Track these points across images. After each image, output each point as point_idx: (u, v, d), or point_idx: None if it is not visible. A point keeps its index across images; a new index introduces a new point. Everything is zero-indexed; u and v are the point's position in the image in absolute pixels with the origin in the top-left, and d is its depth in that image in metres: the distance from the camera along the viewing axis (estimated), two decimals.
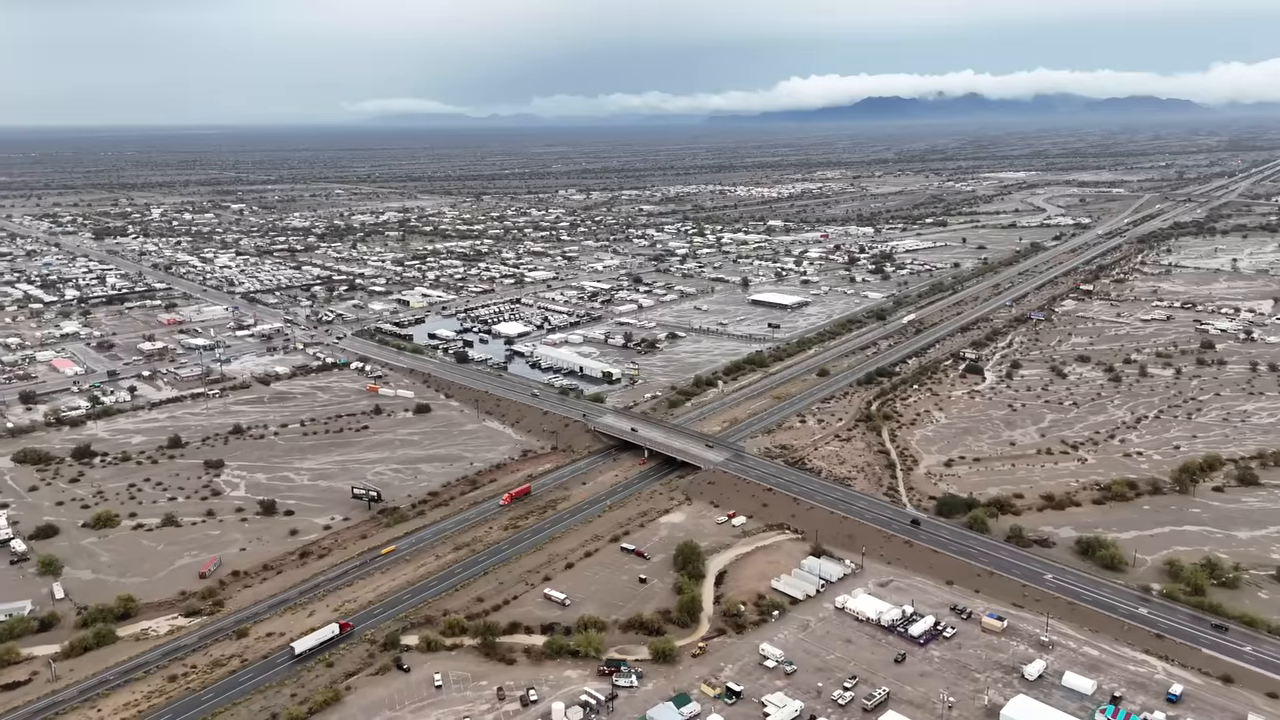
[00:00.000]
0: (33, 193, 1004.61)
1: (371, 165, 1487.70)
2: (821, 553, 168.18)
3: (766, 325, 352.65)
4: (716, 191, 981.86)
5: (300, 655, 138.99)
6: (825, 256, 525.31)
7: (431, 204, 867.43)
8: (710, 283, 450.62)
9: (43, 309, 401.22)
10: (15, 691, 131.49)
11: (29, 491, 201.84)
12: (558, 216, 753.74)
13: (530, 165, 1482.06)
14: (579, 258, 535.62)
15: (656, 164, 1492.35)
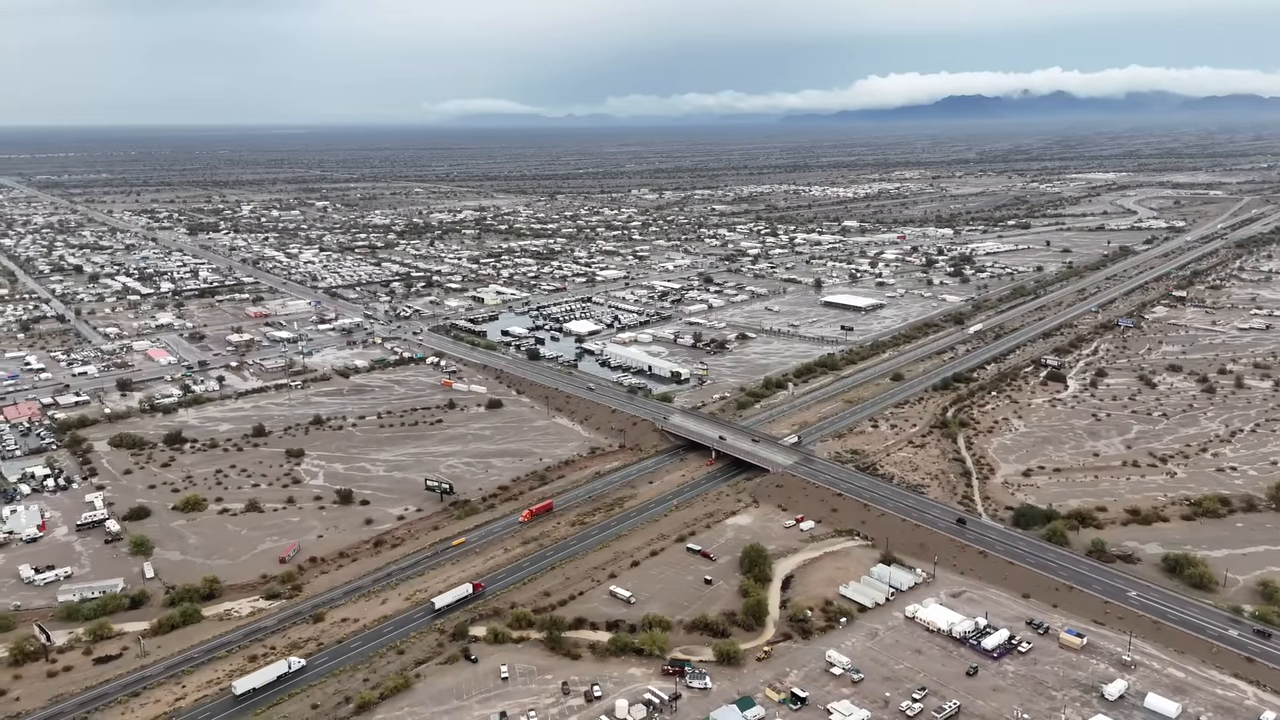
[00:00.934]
0: (132, 189, 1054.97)
1: (450, 164, 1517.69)
2: (892, 560, 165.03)
3: (839, 327, 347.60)
4: (790, 191, 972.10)
5: (439, 610, 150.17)
6: (902, 258, 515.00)
7: (507, 203, 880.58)
8: (782, 283, 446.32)
9: (140, 300, 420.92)
10: (107, 665, 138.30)
11: (124, 474, 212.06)
12: (630, 216, 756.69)
13: (604, 165, 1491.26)
14: (650, 257, 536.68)
15: (730, 163, 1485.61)
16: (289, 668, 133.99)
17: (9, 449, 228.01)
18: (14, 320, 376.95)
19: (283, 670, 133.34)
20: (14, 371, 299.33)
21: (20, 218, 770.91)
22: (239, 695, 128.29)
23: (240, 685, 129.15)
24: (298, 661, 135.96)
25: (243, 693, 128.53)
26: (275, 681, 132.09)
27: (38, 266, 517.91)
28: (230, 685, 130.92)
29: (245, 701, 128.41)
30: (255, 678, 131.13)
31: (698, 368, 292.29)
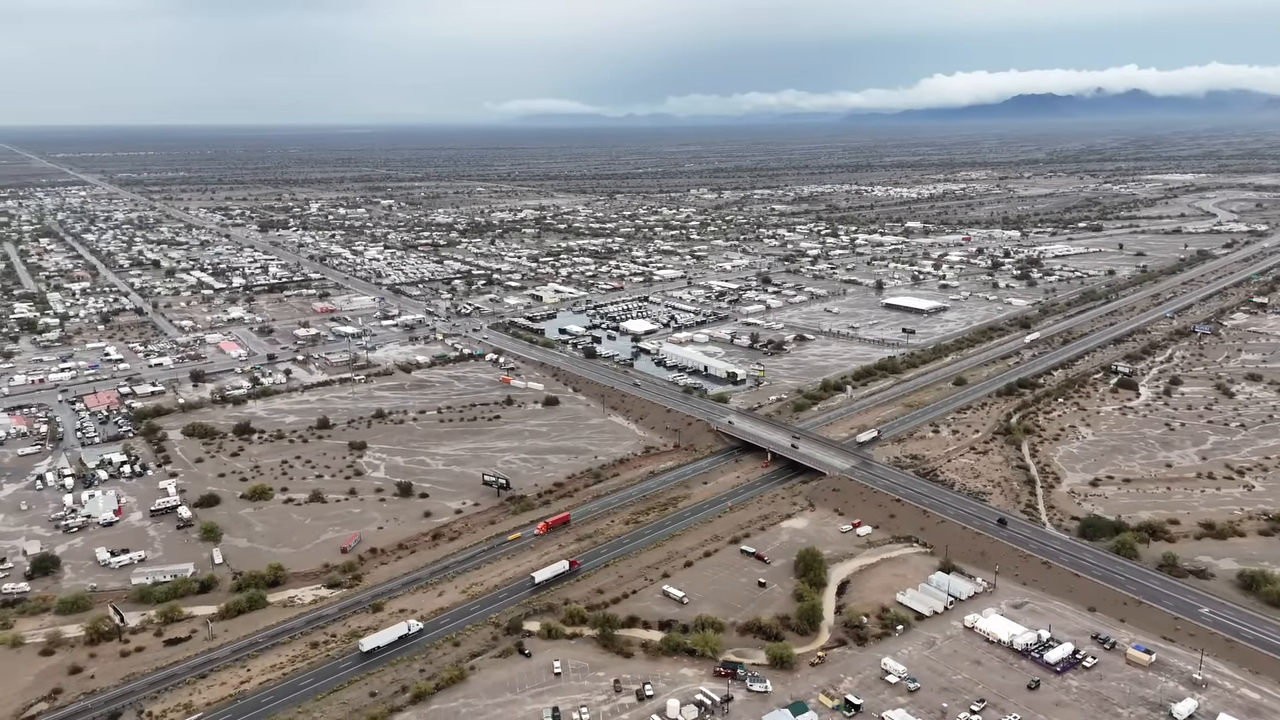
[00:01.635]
0: (207, 187, 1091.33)
1: (512, 164, 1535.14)
2: (951, 568, 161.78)
3: (900, 330, 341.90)
4: (852, 191, 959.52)
5: (539, 584, 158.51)
6: (966, 260, 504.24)
7: (566, 202, 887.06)
8: (842, 285, 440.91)
9: (213, 295, 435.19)
10: (177, 647, 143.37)
11: (195, 463, 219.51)
12: (688, 215, 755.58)
13: (663, 164, 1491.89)
14: (708, 257, 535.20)
15: (790, 163, 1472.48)
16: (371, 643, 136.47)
17: (89, 436, 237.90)
18: (95, 312, 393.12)
19: (399, 635, 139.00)
20: (95, 361, 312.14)
21: (102, 214, 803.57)
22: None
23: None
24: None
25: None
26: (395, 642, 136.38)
27: (118, 261, 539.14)
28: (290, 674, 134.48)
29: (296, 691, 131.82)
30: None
31: (754, 368, 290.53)
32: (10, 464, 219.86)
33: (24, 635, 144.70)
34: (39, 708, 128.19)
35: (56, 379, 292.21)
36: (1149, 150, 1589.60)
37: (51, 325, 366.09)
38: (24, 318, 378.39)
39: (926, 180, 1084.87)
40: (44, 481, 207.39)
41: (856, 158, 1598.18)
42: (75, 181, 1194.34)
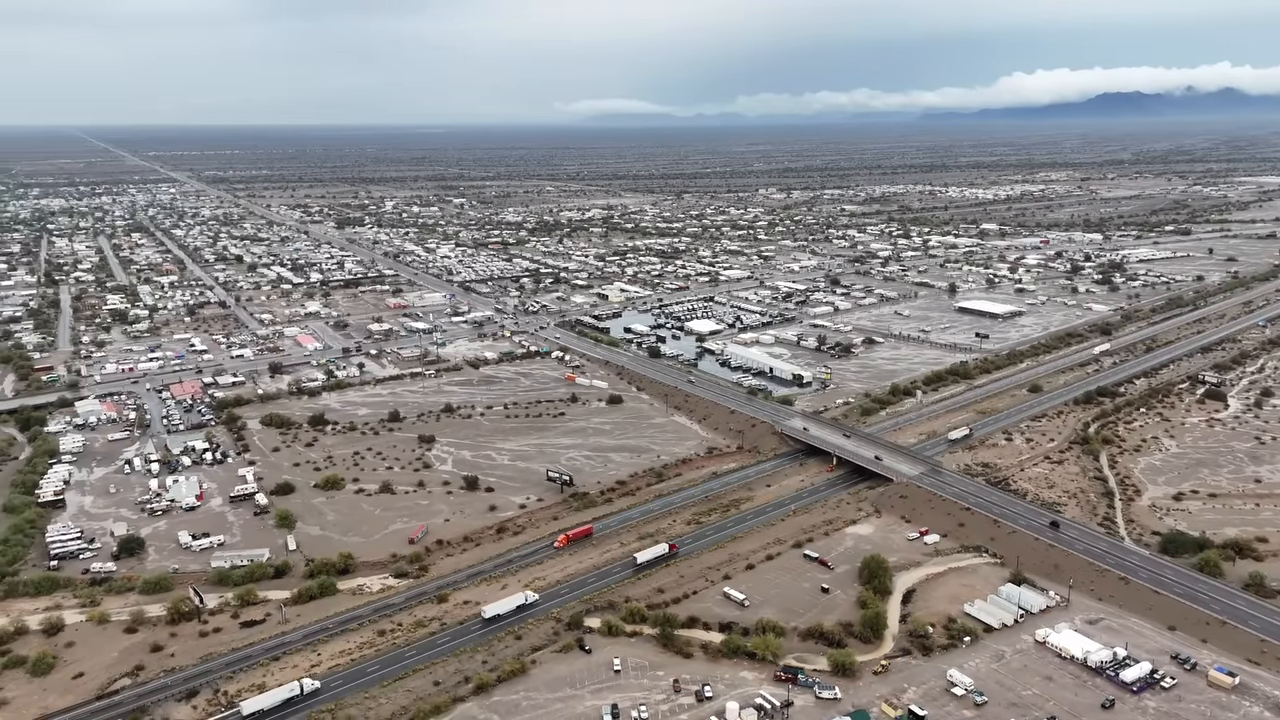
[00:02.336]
0: (288, 185, 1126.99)
1: (580, 164, 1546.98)
2: (1022, 580, 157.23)
3: (974, 335, 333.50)
4: (926, 192, 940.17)
5: (640, 565, 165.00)
6: (1044, 264, 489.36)
7: (634, 201, 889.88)
8: (913, 287, 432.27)
9: (291, 289, 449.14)
10: (252, 629, 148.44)
11: (272, 452, 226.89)
12: (756, 215, 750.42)
13: (731, 164, 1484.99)
14: (775, 257, 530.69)
15: (862, 163, 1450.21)
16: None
17: (174, 424, 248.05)
18: (182, 305, 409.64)
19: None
20: (181, 352, 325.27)
21: (190, 210, 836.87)
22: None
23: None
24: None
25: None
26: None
27: (204, 256, 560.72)
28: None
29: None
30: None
31: (821, 371, 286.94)
32: (101, 449, 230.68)
33: (110, 613, 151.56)
34: (122, 683, 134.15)
35: (145, 368, 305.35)
36: (1242, 151, 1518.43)
37: (141, 317, 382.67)
38: (116, 309, 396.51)
39: (1003, 181, 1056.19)
40: (131, 466, 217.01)
41: (931, 158, 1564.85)
42: (165, 179, 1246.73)
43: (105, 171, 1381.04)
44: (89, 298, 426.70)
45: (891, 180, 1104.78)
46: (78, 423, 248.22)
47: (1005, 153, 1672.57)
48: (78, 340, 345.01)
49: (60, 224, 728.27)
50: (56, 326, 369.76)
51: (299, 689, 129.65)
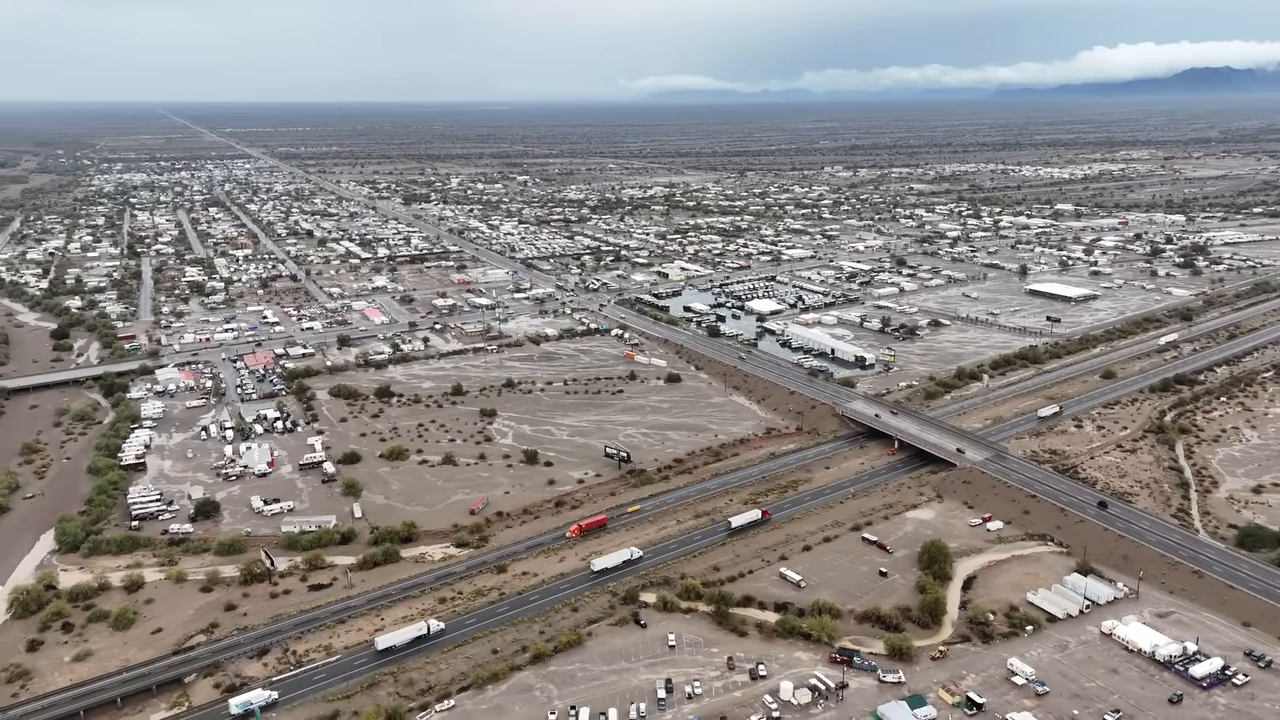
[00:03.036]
0: (357, 161, 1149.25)
1: (644, 141, 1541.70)
2: (1089, 571, 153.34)
3: (1045, 318, 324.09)
4: (998, 171, 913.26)
5: (734, 529, 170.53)
6: (1122, 246, 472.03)
7: (696, 179, 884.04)
8: (982, 269, 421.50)
9: (359, 264, 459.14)
10: (320, 592, 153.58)
11: (340, 422, 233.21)
12: (821, 194, 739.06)
13: (797, 141, 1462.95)
14: (840, 237, 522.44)
15: (932, 140, 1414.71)
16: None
17: (247, 393, 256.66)
18: (255, 278, 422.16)
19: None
20: (254, 324, 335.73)
21: (264, 185, 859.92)
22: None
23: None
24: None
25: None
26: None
27: (276, 230, 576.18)
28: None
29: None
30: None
31: (884, 353, 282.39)
32: (179, 415, 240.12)
33: (186, 572, 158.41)
34: (198, 639, 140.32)
35: (220, 338, 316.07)
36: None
37: (217, 289, 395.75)
38: (194, 281, 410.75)
39: (1081, 160, 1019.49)
40: (207, 433, 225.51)
41: (1004, 135, 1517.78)
42: (241, 155, 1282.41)
43: (184, 147, 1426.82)
44: (168, 270, 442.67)
45: (962, 158, 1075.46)
46: (158, 390, 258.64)
47: (1084, 130, 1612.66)
48: (158, 310, 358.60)
49: (142, 198, 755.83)
50: (138, 297, 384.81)
51: (426, 629, 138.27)
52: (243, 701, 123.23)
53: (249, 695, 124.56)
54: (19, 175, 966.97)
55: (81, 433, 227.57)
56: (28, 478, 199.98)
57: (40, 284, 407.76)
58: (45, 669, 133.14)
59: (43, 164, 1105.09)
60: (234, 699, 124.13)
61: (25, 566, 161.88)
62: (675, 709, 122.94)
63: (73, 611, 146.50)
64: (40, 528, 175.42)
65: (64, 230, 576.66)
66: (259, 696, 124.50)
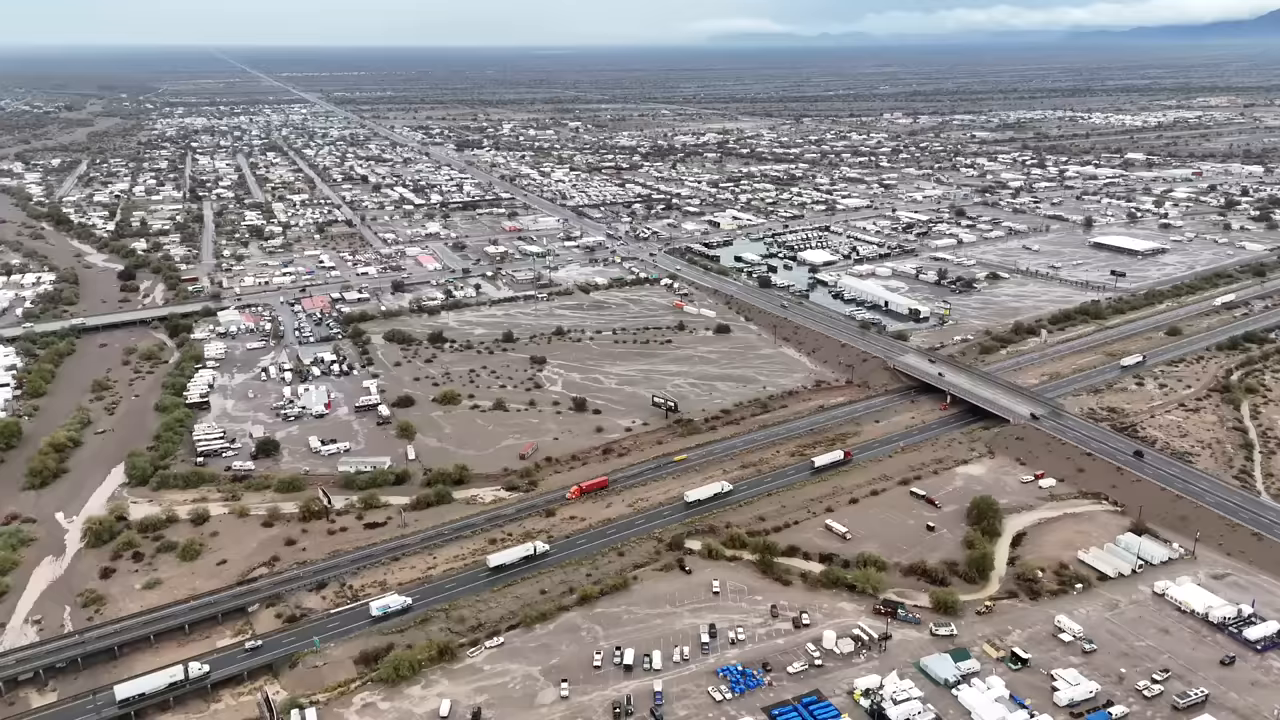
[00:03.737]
0: (411, 106, 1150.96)
1: (698, 86, 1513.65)
2: (1143, 531, 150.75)
3: (1109, 272, 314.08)
4: (1065, 118, 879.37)
5: (818, 468, 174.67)
6: (1195, 198, 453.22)
7: (751, 126, 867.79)
8: (1045, 220, 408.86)
9: (413, 210, 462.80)
10: (375, 530, 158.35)
11: (394, 366, 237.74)
12: (879, 141, 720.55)
13: (855, 87, 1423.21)
14: (897, 186, 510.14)
15: (997, 86, 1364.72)
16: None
17: (305, 336, 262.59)
18: (312, 223, 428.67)
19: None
20: (311, 268, 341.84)
21: (320, 130, 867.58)
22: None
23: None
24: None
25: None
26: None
27: (332, 175, 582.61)
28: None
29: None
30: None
31: (939, 306, 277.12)
32: (240, 356, 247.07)
33: (249, 508, 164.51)
34: (260, 571, 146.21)
35: (279, 282, 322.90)
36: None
37: (276, 233, 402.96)
38: (253, 225, 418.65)
39: (1155, 107, 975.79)
40: (267, 374, 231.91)
41: (1074, 80, 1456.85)
42: (298, 99, 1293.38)
43: (243, 92, 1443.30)
44: (229, 214, 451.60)
45: (1029, 105, 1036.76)
46: (220, 331, 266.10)
47: (1159, 75, 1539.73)
48: (219, 254, 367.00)
49: (202, 142, 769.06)
50: (200, 240, 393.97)
51: (533, 549, 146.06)
52: (382, 605, 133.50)
53: (388, 599, 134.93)
54: (85, 119, 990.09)
55: (149, 371, 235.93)
56: (99, 414, 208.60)
57: (107, 226, 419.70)
58: (117, 595, 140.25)
59: (107, 107, 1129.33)
60: (374, 601, 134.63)
61: (98, 498, 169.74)
62: (718, 653, 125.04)
63: (142, 542, 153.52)
64: (111, 461, 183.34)
65: (129, 173, 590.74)
66: (397, 601, 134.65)
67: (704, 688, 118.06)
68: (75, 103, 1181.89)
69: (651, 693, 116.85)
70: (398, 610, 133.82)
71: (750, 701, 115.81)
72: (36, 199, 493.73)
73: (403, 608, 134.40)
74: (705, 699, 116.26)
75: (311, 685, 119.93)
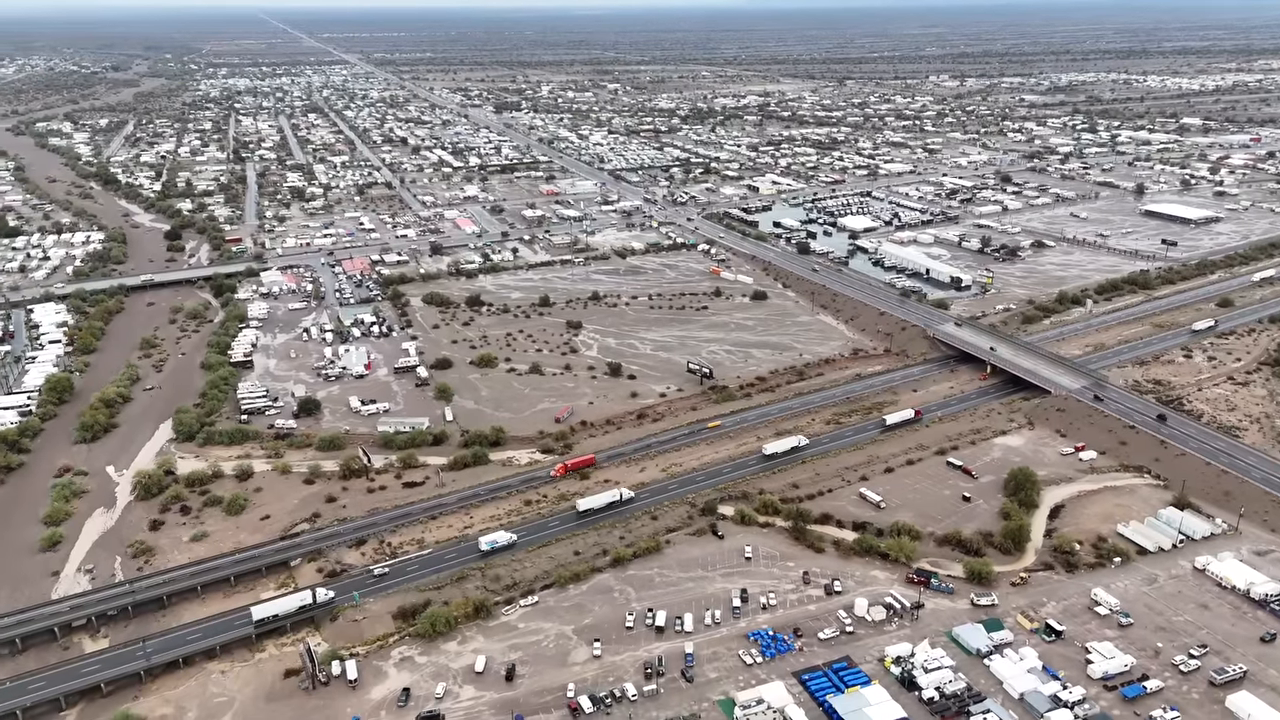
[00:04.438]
0: (450, 67, 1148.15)
1: (739, 47, 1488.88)
2: (1186, 505, 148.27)
3: (1160, 241, 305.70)
4: (1119, 81, 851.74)
5: (889, 426, 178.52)
6: (1252, 165, 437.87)
7: (792, 88, 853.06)
8: (1094, 187, 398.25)
9: (451, 173, 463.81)
10: (413, 490, 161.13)
11: (432, 328, 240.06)
12: (924, 105, 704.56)
13: (900, 48, 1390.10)
14: (942, 151, 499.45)
15: (1048, 48, 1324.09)
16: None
17: (345, 297, 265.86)
18: (352, 184, 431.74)
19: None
20: (351, 230, 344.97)
21: (360, 92, 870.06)
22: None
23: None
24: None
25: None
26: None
27: (372, 137, 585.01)
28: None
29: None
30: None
31: (981, 274, 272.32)
32: (283, 317, 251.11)
33: (291, 465, 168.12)
34: (301, 527, 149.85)
35: (320, 244, 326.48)
36: None
37: (316, 195, 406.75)
38: (295, 186, 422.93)
39: (1214, 70, 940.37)
40: (308, 334, 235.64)
41: (1130, 41, 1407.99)
42: (338, 61, 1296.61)
43: (284, 53, 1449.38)
44: (271, 175, 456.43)
45: (1081, 67, 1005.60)
46: (262, 291, 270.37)
47: (1220, 37, 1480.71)
48: (261, 214, 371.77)
49: (245, 103, 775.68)
50: (243, 201, 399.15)
51: (618, 496, 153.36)
52: (491, 539, 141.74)
53: (495, 535, 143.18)
54: (131, 79, 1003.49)
55: (195, 330, 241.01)
56: (147, 370, 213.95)
57: (154, 186, 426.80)
58: (166, 547, 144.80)
59: (153, 68, 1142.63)
60: (483, 536, 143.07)
61: (147, 453, 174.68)
62: (749, 618, 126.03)
63: (189, 496, 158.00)
64: (159, 417, 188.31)
65: (174, 134, 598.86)
66: (504, 537, 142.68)
67: (735, 651, 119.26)
68: (121, 63, 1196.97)
69: (682, 654, 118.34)
70: (504, 545, 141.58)
71: (781, 666, 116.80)
72: (85, 159, 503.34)
73: (509, 543, 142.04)
74: (736, 662, 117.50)
75: (351, 638, 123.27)
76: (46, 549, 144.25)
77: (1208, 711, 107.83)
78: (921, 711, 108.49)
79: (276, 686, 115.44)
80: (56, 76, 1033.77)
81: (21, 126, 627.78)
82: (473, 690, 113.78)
